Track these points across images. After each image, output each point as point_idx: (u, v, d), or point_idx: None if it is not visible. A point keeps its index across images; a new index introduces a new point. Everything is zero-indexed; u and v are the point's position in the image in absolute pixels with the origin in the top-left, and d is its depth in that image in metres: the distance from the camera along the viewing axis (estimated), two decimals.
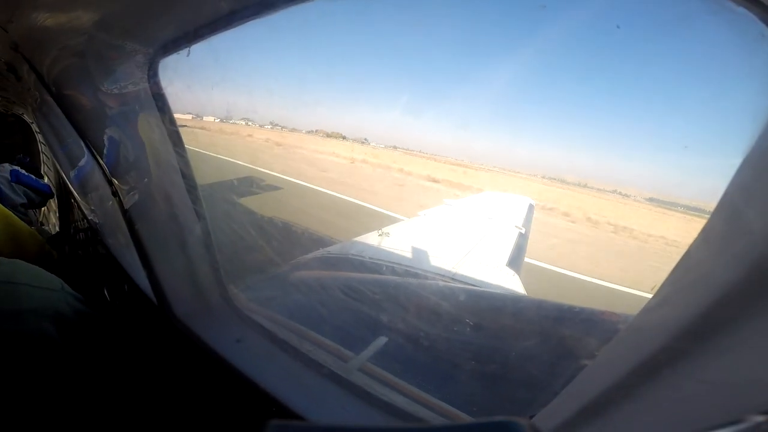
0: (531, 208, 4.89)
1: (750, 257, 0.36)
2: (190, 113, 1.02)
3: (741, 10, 0.40)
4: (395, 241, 2.71)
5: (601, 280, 4.28)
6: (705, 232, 0.42)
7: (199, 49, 0.83)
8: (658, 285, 0.48)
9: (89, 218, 1.89)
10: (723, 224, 0.41)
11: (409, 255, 2.49)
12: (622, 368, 0.49)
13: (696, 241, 0.43)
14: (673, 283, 0.47)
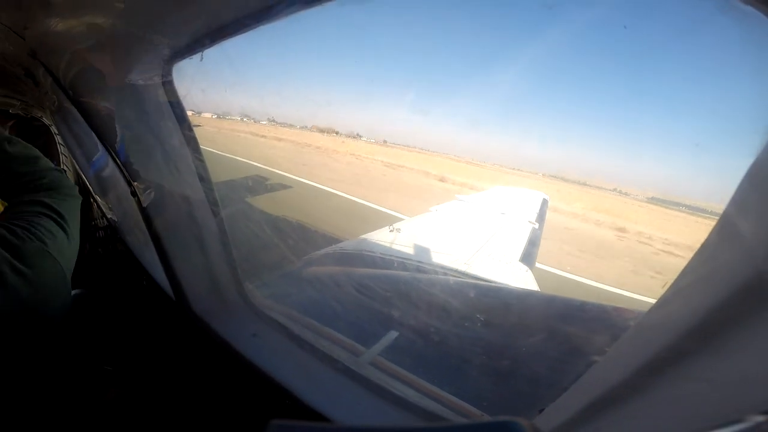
0: (545, 202, 4.84)
1: (757, 260, 0.37)
2: (191, 110, 1.06)
3: (748, 8, 0.40)
4: (407, 237, 2.71)
5: None
6: (714, 235, 0.42)
7: (208, 53, 0.85)
8: (668, 284, 0.49)
9: (108, 217, 1.94)
10: (731, 227, 0.41)
11: (420, 251, 2.49)
12: (630, 366, 0.50)
13: (705, 242, 0.43)
14: (682, 282, 0.47)
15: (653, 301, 0.51)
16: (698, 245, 0.44)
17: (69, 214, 1.00)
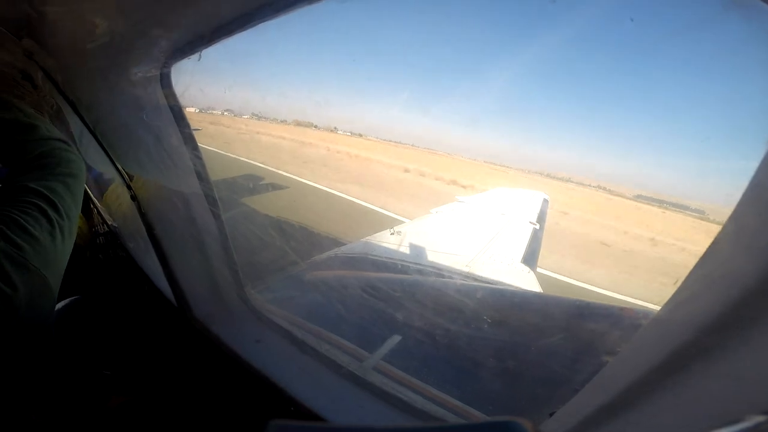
0: (545, 203, 4.83)
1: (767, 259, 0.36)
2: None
3: (757, 2, 0.38)
4: (408, 239, 2.70)
5: None
6: (727, 228, 0.41)
7: (204, 52, 0.85)
8: (680, 281, 0.47)
9: (108, 223, 1.93)
10: (746, 220, 0.40)
11: (422, 254, 2.48)
12: (644, 365, 0.48)
13: (718, 237, 0.42)
14: (696, 278, 0.46)
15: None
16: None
17: (65, 200, 0.80)
